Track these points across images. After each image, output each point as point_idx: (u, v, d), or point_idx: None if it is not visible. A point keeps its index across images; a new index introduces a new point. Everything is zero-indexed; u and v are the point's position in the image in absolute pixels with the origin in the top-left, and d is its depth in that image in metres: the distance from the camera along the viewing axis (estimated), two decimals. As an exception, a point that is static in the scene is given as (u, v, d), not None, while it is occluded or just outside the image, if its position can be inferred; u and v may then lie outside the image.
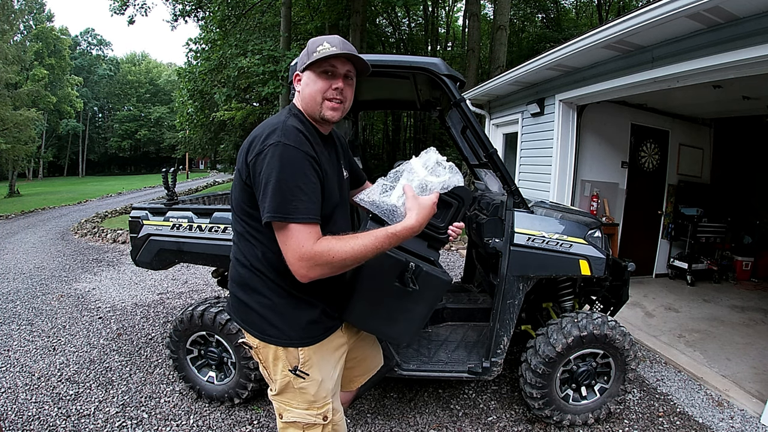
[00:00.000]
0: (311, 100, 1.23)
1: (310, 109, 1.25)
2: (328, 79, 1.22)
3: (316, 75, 1.22)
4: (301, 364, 1.27)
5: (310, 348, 1.28)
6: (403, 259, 1.33)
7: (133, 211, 2.63)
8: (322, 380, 1.30)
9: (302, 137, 1.15)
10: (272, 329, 1.26)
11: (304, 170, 1.12)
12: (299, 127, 1.18)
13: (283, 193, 1.09)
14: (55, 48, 33.52)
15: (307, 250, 1.09)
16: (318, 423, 1.30)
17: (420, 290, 1.34)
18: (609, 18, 13.27)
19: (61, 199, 15.63)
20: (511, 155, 6.00)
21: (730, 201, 5.58)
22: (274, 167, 1.10)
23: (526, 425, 2.37)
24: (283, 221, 1.09)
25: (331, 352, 1.35)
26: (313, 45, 1.22)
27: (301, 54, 1.29)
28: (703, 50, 2.85)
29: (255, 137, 1.18)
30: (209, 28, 12.29)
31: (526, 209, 2.20)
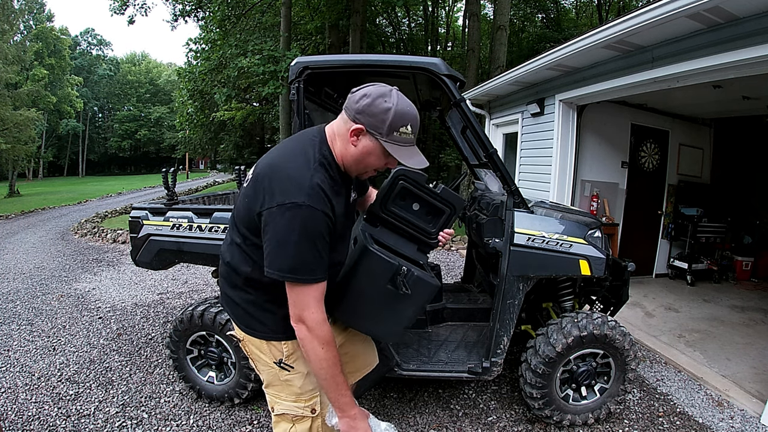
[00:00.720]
0: (363, 167, 1.24)
1: (352, 169, 1.25)
2: (387, 157, 1.21)
3: (384, 154, 1.19)
4: (286, 356, 1.28)
5: (295, 341, 1.27)
6: (396, 263, 1.34)
7: (133, 211, 2.63)
8: (308, 373, 1.30)
9: (325, 197, 1.12)
10: (256, 323, 1.29)
11: (323, 233, 1.13)
12: (325, 182, 1.15)
13: (301, 257, 1.10)
14: (55, 48, 33.52)
15: (310, 314, 1.14)
16: (306, 416, 1.31)
17: (410, 293, 1.36)
18: (609, 18, 13.28)
19: (61, 199, 15.63)
20: (511, 155, 6.00)
21: (730, 201, 5.58)
22: (295, 229, 1.09)
23: (526, 425, 2.37)
24: (296, 282, 1.13)
25: None
26: (398, 122, 1.15)
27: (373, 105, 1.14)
28: (703, 50, 2.85)
29: (277, 182, 1.12)
30: (209, 28, 12.29)
31: (526, 209, 2.20)
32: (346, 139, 1.19)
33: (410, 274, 1.35)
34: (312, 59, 2.08)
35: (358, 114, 1.15)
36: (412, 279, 1.35)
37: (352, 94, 1.20)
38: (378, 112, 1.13)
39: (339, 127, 1.22)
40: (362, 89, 1.18)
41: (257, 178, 1.18)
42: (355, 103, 1.16)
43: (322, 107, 2.50)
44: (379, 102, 1.14)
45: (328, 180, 1.16)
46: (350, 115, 1.17)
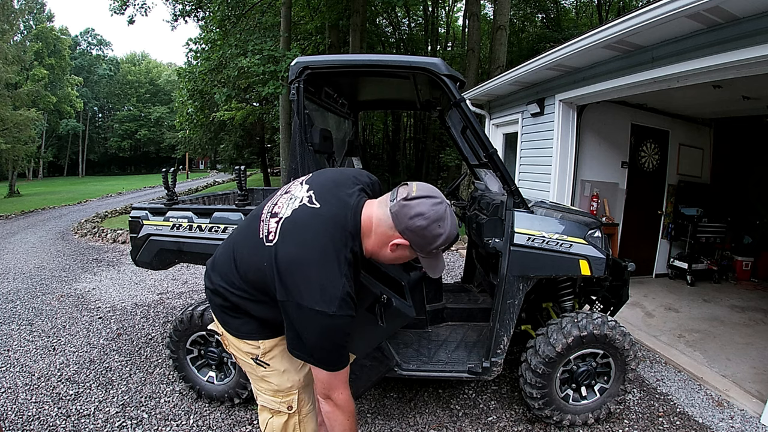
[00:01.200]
0: (385, 260, 1.23)
1: (375, 258, 1.24)
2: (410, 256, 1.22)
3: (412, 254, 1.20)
4: (262, 353, 1.30)
5: (271, 340, 1.29)
6: (376, 291, 1.35)
7: (133, 211, 2.63)
8: (285, 370, 1.32)
9: (352, 302, 1.12)
10: (232, 321, 1.30)
11: (347, 332, 1.14)
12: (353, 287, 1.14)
13: (329, 355, 1.14)
14: (55, 48, 33.52)
15: (339, 395, 1.18)
16: (283, 411, 1.33)
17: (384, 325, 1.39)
18: (609, 18, 13.28)
19: (61, 199, 15.63)
20: (511, 155, 6.00)
21: (730, 201, 5.58)
22: (324, 335, 1.11)
23: (526, 425, 2.37)
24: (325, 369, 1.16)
25: None
26: (442, 245, 1.14)
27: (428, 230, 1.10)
28: (703, 50, 2.85)
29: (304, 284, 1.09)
30: (209, 28, 12.27)
31: (526, 209, 2.20)
32: (384, 244, 1.17)
33: (389, 303, 1.36)
34: (312, 59, 2.08)
35: (409, 231, 1.11)
36: (390, 309, 1.37)
37: (406, 201, 1.11)
38: (430, 237, 1.11)
39: (379, 224, 1.15)
40: (419, 204, 1.10)
41: (279, 268, 1.11)
42: (409, 218, 1.10)
43: (322, 107, 2.50)
44: (433, 228, 1.10)
45: (353, 278, 1.15)
46: (399, 227, 1.11)
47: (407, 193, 1.11)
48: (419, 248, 1.14)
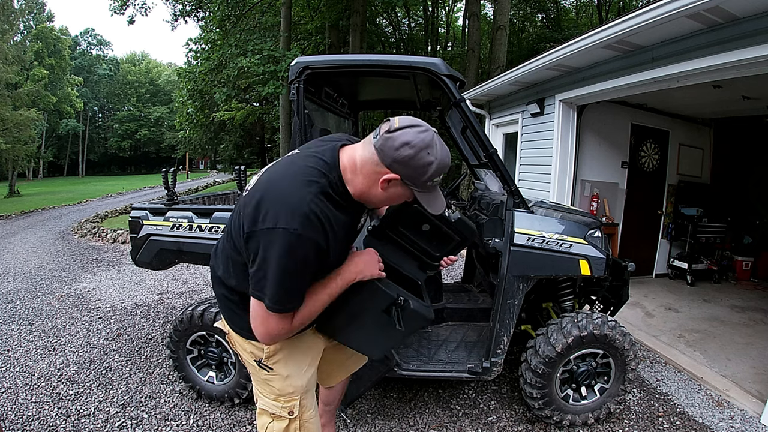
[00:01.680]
0: (379, 201, 1.18)
1: (371, 204, 1.20)
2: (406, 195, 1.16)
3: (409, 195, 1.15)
4: (266, 357, 1.28)
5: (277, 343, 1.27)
6: (392, 295, 1.30)
7: (133, 211, 2.63)
8: (288, 376, 1.30)
9: (320, 227, 1.05)
10: (238, 319, 1.26)
11: (314, 262, 1.07)
12: (323, 212, 1.06)
13: (283, 286, 1.05)
14: (55, 48, 33.53)
15: (279, 329, 1.12)
16: (284, 416, 1.31)
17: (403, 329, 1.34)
18: (609, 18, 13.28)
19: (61, 199, 15.63)
20: (511, 155, 6.00)
21: (730, 201, 5.58)
22: (282, 255, 1.02)
23: (526, 425, 2.37)
24: (274, 312, 1.08)
25: (303, 350, 1.34)
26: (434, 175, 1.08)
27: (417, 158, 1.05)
28: (703, 50, 2.85)
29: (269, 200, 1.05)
30: (209, 28, 12.28)
31: (526, 209, 2.20)
32: (374, 182, 1.11)
33: (406, 305, 1.31)
34: (312, 59, 2.08)
35: (397, 163, 1.06)
36: (408, 311, 1.32)
37: (390, 134, 1.06)
38: (420, 166, 1.06)
39: (365, 163, 1.11)
40: (404, 134, 1.05)
41: (252, 195, 1.10)
42: (395, 150, 1.05)
43: (322, 107, 2.50)
44: (422, 156, 1.05)
45: (328, 209, 1.08)
46: (386, 161, 1.06)
47: (389, 126, 1.07)
48: (412, 181, 1.08)
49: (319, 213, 1.05)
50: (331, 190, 1.10)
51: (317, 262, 1.09)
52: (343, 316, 1.36)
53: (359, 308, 1.34)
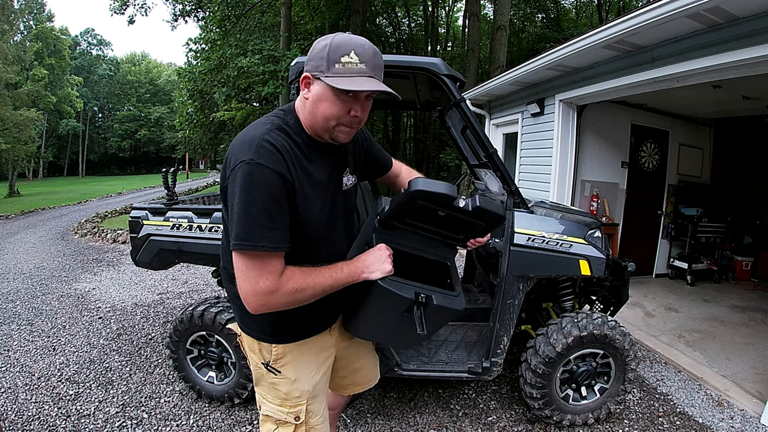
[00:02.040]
0: (322, 120, 1.08)
1: (317, 128, 1.11)
2: (347, 103, 1.06)
3: (335, 95, 1.04)
4: (274, 359, 1.24)
5: (286, 345, 1.24)
6: (409, 297, 1.17)
7: (133, 211, 2.63)
8: (295, 380, 1.25)
9: (279, 156, 1.02)
10: (249, 321, 1.24)
11: (276, 196, 1.01)
12: (279, 142, 1.04)
13: (249, 219, 0.98)
14: (55, 48, 33.52)
15: (269, 285, 1.01)
16: (290, 422, 1.26)
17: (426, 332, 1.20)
18: (609, 18, 13.28)
19: (61, 199, 15.63)
20: (511, 155, 6.00)
21: (730, 201, 5.59)
22: (243, 188, 0.99)
23: (526, 425, 2.37)
24: (245, 250, 1.00)
25: (312, 354, 1.29)
26: (337, 51, 1.02)
27: (314, 47, 1.07)
28: (703, 50, 2.85)
29: (231, 148, 1.07)
30: (209, 28, 12.29)
31: (526, 209, 2.20)
32: (302, 97, 1.11)
33: (429, 302, 1.18)
34: (312, 59, 2.07)
35: (305, 65, 1.08)
36: (431, 308, 1.19)
37: None
38: (317, 51, 1.04)
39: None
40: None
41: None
42: (306, 58, 1.09)
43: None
44: (317, 43, 1.06)
45: (287, 142, 1.06)
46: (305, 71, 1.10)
47: None
48: (317, 70, 1.04)
49: (274, 142, 1.03)
50: (287, 127, 1.10)
51: (285, 195, 1.03)
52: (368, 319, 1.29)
53: (380, 312, 1.25)
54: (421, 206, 1.18)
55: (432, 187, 1.12)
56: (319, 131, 1.12)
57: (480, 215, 1.21)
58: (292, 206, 1.06)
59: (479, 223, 1.25)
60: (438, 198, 1.15)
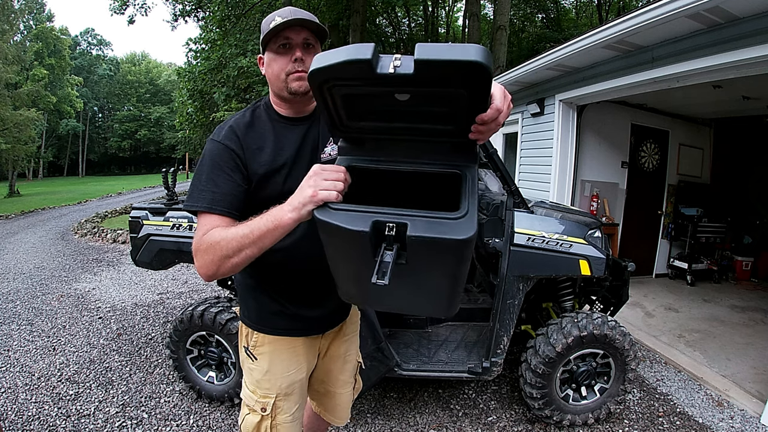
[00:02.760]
0: (276, 79, 1.16)
1: (278, 89, 1.17)
2: (286, 54, 1.13)
3: (274, 52, 1.14)
4: (252, 346, 1.29)
5: (265, 336, 1.27)
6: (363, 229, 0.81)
7: (133, 211, 2.63)
8: (268, 371, 1.27)
9: (233, 134, 1.12)
10: (242, 305, 1.32)
11: (222, 165, 1.09)
12: (239, 121, 1.16)
13: (196, 184, 1.09)
14: (55, 48, 33.50)
15: (195, 242, 1.03)
16: (257, 410, 1.28)
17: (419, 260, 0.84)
18: (609, 18, 13.28)
19: (61, 199, 15.62)
20: (511, 155, 6.00)
21: (730, 201, 5.59)
22: (201, 161, 1.13)
23: (526, 425, 2.37)
24: (191, 210, 1.09)
25: (291, 354, 1.29)
26: (266, 23, 1.14)
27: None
28: (703, 50, 2.86)
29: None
30: (209, 28, 12.29)
31: (526, 209, 2.21)
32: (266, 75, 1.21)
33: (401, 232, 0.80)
34: (312, 59, 2.07)
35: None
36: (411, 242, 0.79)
37: None
38: (264, 25, 1.15)
39: None
40: None
41: None
42: None
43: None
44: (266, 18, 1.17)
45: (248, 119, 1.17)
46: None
47: None
48: (263, 42, 1.15)
49: (234, 123, 1.14)
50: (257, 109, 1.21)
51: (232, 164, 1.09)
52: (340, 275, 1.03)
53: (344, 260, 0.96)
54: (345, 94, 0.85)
55: (325, 61, 0.77)
56: (278, 92, 1.18)
57: (433, 71, 0.74)
58: (244, 176, 1.11)
59: (446, 89, 0.79)
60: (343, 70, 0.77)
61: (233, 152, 1.10)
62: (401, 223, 0.81)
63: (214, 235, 1.00)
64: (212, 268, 1.00)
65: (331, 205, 0.86)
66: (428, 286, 0.95)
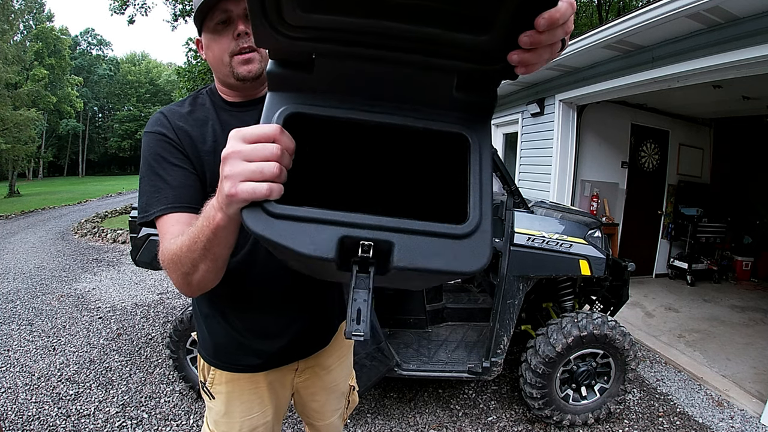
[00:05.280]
0: (219, 63, 0.94)
1: (223, 76, 0.96)
2: (226, 31, 0.91)
3: (212, 31, 0.92)
4: (209, 383, 1.08)
5: (223, 373, 1.06)
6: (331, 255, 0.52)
7: (133, 211, 2.63)
8: (225, 413, 1.07)
9: (164, 120, 0.93)
10: (198, 335, 1.11)
11: (163, 155, 0.90)
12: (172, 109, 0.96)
13: (142, 189, 0.89)
14: (55, 48, 33.49)
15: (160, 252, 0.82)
16: None
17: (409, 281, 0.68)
18: (609, 18, 13.28)
19: (61, 199, 15.63)
20: (511, 155, 6.00)
21: (730, 201, 5.59)
22: (141, 163, 0.92)
23: (526, 425, 2.37)
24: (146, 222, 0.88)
25: (252, 393, 1.08)
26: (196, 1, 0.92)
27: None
28: (703, 50, 2.86)
29: None
30: (209, 28, 12.29)
31: (526, 209, 2.21)
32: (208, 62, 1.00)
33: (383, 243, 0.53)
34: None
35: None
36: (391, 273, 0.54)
37: None
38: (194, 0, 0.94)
39: None
40: None
41: None
42: None
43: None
44: None
45: (187, 108, 0.97)
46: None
47: None
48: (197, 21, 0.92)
49: (165, 111, 0.96)
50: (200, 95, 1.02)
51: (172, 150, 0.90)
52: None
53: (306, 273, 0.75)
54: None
55: None
56: (226, 79, 0.97)
57: None
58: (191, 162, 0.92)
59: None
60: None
61: (169, 139, 0.91)
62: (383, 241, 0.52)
63: (172, 244, 0.77)
64: (184, 287, 0.80)
65: (267, 207, 0.53)
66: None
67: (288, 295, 1.02)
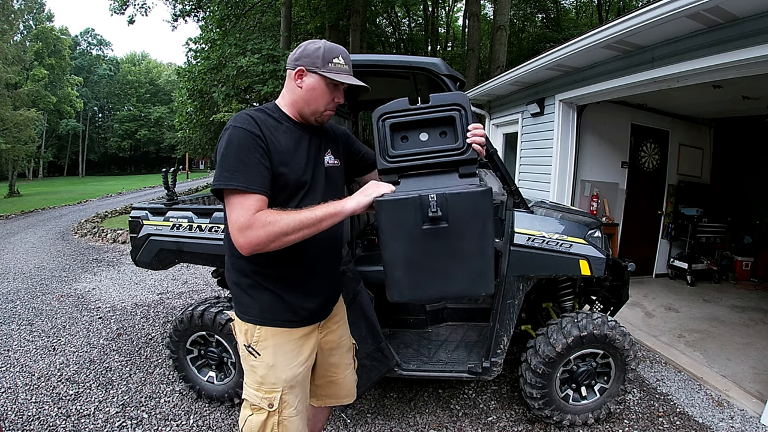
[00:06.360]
0: (313, 104, 1.29)
1: (305, 112, 1.31)
2: (333, 92, 1.29)
3: (326, 85, 1.27)
4: (254, 342, 1.30)
5: (267, 329, 1.30)
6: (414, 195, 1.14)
7: (133, 211, 2.63)
8: (273, 365, 1.29)
9: (253, 122, 1.21)
10: (239, 305, 1.34)
11: (248, 146, 1.17)
12: (256, 114, 1.24)
13: (226, 165, 1.15)
14: (55, 48, 33.49)
15: (245, 219, 1.12)
16: (263, 408, 1.29)
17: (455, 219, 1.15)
18: (609, 18, 13.28)
19: (61, 199, 15.62)
20: (511, 155, 6.00)
21: (730, 201, 5.59)
22: (223, 145, 1.18)
23: (526, 425, 2.37)
24: (224, 189, 1.15)
25: (294, 345, 1.33)
26: (330, 54, 1.26)
27: (306, 48, 1.28)
28: (703, 50, 2.85)
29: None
30: (209, 28, 12.29)
31: (526, 209, 2.20)
32: (293, 86, 1.30)
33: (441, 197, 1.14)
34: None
35: (296, 61, 1.28)
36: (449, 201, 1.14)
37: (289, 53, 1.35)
38: (311, 51, 1.27)
39: (285, 86, 1.34)
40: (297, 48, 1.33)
41: None
42: (292, 56, 1.31)
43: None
44: (309, 45, 1.28)
45: (264, 116, 1.26)
46: (290, 66, 1.30)
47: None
48: (313, 65, 1.26)
49: (252, 114, 1.23)
50: (266, 109, 1.30)
51: (258, 148, 1.18)
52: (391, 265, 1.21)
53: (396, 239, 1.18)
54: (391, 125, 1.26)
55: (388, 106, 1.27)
56: (307, 115, 1.31)
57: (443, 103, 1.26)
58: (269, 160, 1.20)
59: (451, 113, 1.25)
60: (395, 106, 1.27)
61: (259, 138, 1.19)
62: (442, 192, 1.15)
63: (271, 214, 1.13)
64: (264, 242, 1.12)
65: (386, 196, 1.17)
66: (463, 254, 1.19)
67: (326, 262, 1.40)
